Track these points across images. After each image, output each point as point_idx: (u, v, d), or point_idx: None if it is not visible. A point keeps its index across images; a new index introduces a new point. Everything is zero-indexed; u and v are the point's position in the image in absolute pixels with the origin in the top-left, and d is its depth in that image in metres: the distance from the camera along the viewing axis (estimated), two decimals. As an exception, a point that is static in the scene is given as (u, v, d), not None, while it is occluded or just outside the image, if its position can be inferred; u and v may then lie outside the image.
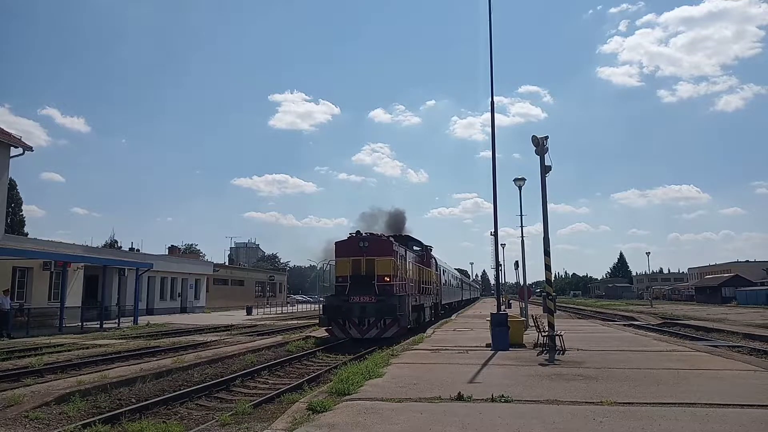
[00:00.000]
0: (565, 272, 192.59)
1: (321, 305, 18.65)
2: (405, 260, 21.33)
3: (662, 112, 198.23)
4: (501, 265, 39.57)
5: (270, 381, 11.90)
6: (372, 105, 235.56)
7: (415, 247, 26.62)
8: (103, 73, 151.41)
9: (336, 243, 19.67)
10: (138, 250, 44.16)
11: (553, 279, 14.45)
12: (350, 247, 19.22)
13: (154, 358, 14.48)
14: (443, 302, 33.51)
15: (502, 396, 7.33)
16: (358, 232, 19.78)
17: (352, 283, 18.61)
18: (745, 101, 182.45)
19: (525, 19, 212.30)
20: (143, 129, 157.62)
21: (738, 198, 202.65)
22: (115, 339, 20.45)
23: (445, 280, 36.25)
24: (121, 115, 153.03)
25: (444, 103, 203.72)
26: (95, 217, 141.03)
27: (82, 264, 29.38)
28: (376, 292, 18.19)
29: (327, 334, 19.15)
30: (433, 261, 29.31)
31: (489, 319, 14.59)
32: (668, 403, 6.93)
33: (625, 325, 28.20)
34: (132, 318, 29.40)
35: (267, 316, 41.21)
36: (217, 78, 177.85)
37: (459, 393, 7.43)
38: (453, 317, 32.07)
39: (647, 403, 6.93)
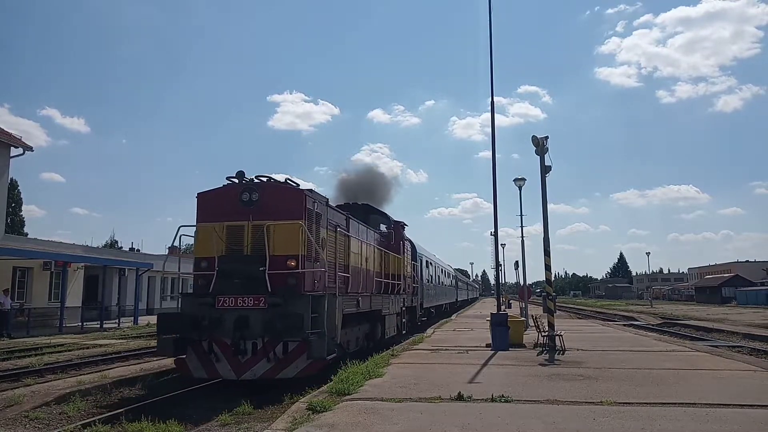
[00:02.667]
0: (565, 272, 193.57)
1: (158, 315, 10.70)
2: (342, 234, 12.24)
3: (661, 113, 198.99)
4: (501, 265, 39.48)
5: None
6: (371, 105, 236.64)
7: (381, 225, 17.67)
8: (103, 73, 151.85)
9: (199, 195, 10.74)
10: (138, 250, 44.11)
11: (553, 279, 14.45)
12: (224, 201, 10.40)
13: (155, 358, 14.47)
14: (426, 305, 24.91)
15: (502, 396, 7.32)
16: (241, 173, 10.58)
17: (222, 270, 9.94)
18: (743, 102, 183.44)
19: (524, 20, 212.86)
20: (143, 129, 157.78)
21: (737, 198, 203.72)
22: (116, 339, 20.47)
23: (430, 276, 27.54)
24: (121, 115, 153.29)
25: (443, 103, 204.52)
26: (95, 217, 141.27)
27: (82, 264, 29.39)
28: (269, 290, 9.62)
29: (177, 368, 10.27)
30: (407, 245, 19.84)
31: (489, 319, 14.59)
32: (668, 403, 6.92)
33: (625, 325, 28.22)
34: (132, 318, 29.44)
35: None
36: (217, 78, 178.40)
37: (459, 393, 7.42)
38: (453, 317, 32.06)
39: (647, 403, 6.93)
